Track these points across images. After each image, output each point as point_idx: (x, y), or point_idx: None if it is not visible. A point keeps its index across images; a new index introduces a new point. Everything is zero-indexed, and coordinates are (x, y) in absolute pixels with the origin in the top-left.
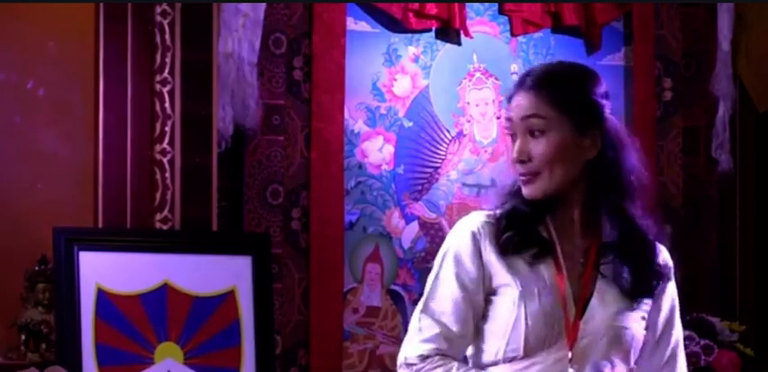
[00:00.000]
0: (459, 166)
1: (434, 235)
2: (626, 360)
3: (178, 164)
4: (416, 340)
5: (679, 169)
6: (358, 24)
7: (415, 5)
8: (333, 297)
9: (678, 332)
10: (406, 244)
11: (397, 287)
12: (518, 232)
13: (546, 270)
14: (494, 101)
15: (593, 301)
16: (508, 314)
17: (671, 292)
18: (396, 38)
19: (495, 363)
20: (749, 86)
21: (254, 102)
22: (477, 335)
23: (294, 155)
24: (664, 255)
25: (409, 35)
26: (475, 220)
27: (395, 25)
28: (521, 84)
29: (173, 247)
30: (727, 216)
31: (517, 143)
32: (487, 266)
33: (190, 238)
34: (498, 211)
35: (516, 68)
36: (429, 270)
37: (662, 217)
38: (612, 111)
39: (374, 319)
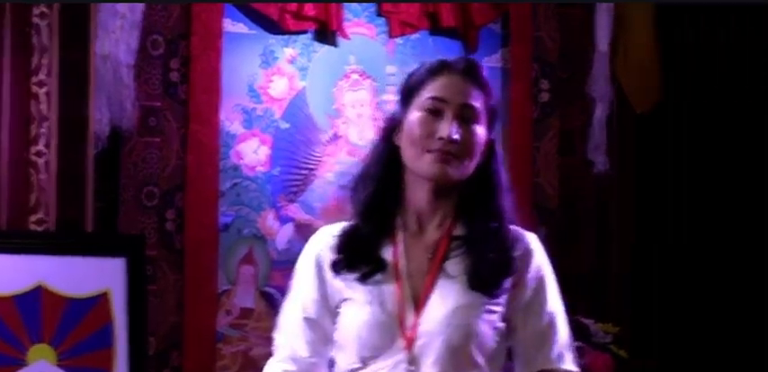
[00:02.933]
0: (334, 168)
1: (309, 237)
2: (470, 358)
3: (54, 166)
4: (273, 359)
5: (555, 170)
6: (235, 26)
7: (293, 7)
8: (207, 299)
9: (552, 309)
10: (281, 246)
11: (270, 289)
12: (349, 253)
13: (382, 279)
14: (370, 102)
15: (432, 299)
16: (348, 327)
17: (533, 275)
18: (272, 39)
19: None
20: (627, 88)
21: (130, 104)
22: (332, 347)
23: (170, 156)
24: (525, 243)
25: (286, 37)
26: (320, 240)
27: (272, 27)
28: (461, 70)
29: (47, 249)
30: (604, 217)
31: (449, 123)
32: (330, 286)
33: (64, 240)
34: (345, 226)
35: (393, 70)
36: None
37: (538, 218)
38: None
39: (248, 321)
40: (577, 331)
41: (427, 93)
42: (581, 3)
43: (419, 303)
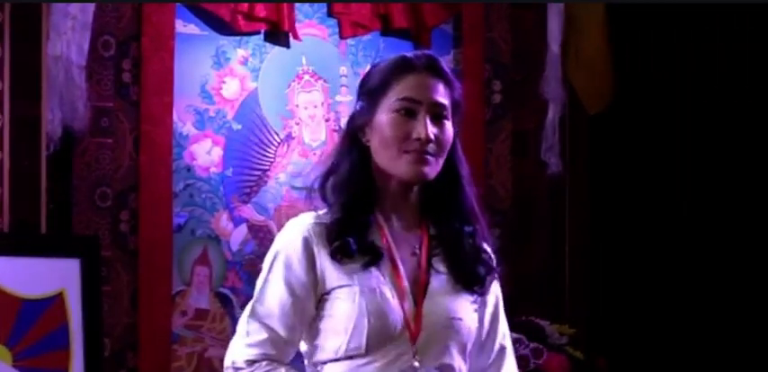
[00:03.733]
0: (287, 169)
1: (263, 238)
2: (464, 353)
3: (6, 167)
4: (243, 343)
5: (508, 172)
6: (187, 27)
7: (244, 8)
8: (161, 300)
9: (505, 328)
10: (235, 247)
11: (225, 290)
12: (348, 241)
13: (384, 268)
14: (323, 103)
15: (430, 293)
16: (349, 312)
17: (495, 289)
18: (224, 40)
19: (334, 360)
20: (579, 89)
21: (82, 105)
22: (313, 334)
23: (123, 157)
24: (488, 250)
25: (238, 38)
26: (305, 223)
27: (223, 28)
28: (425, 67)
29: (1, 249)
30: (557, 218)
31: (423, 122)
32: (321, 271)
33: (18, 240)
34: (328, 214)
35: (345, 71)
36: (258, 272)
37: (491, 219)
38: None
39: (202, 322)
40: (533, 332)
41: (396, 94)
42: (533, 3)
43: (418, 296)
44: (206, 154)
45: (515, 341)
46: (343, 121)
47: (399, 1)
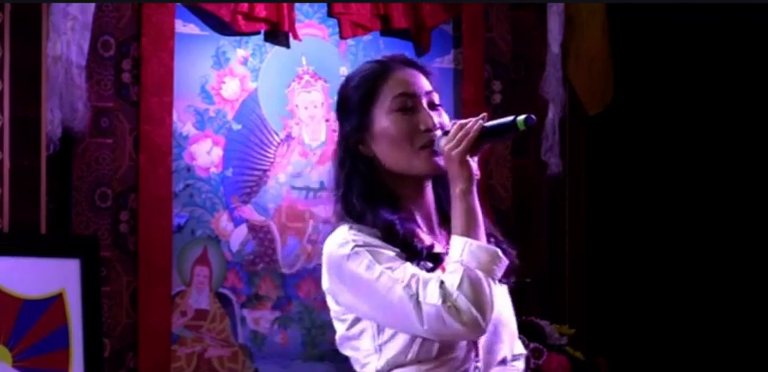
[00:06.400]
0: (287, 169)
1: (263, 238)
2: (511, 344)
3: (7, 167)
4: (437, 286)
5: (508, 172)
6: (187, 27)
7: (244, 8)
8: (161, 300)
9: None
10: (235, 247)
11: (225, 290)
12: (416, 246)
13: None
14: (323, 103)
15: None
16: None
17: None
18: (224, 40)
19: (402, 365)
20: (579, 89)
21: (82, 105)
22: (381, 337)
23: (122, 157)
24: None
25: (238, 38)
26: (348, 235)
27: (223, 28)
28: (404, 62)
29: (1, 250)
30: (557, 218)
31: (425, 113)
32: None
33: (18, 241)
34: (364, 228)
35: (345, 71)
36: (257, 273)
37: (491, 219)
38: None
39: (202, 322)
40: (533, 332)
41: (389, 94)
42: (533, 3)
43: None
44: (206, 154)
45: None
46: None
47: (399, 1)
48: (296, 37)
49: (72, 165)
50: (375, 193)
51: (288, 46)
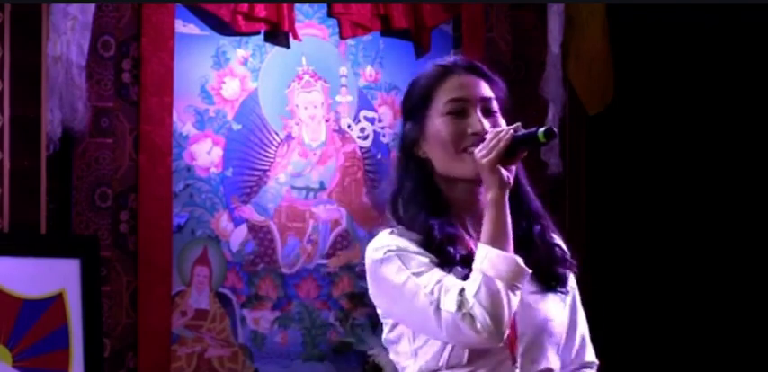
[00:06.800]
0: (287, 169)
1: (263, 238)
2: (558, 353)
3: (7, 167)
4: (456, 294)
5: None
6: (187, 27)
7: (244, 8)
8: (161, 300)
9: (583, 318)
10: (235, 247)
11: (225, 290)
12: (451, 251)
13: None
14: (322, 103)
15: (520, 299)
16: None
17: (571, 281)
18: (224, 40)
19: (435, 370)
20: (579, 89)
21: (82, 105)
22: (417, 342)
23: (122, 157)
24: (561, 243)
25: (238, 38)
26: (385, 240)
27: (223, 28)
28: (465, 68)
29: (1, 250)
30: (556, 218)
31: (476, 117)
32: None
33: (18, 241)
34: (406, 232)
35: (345, 71)
36: (257, 272)
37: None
38: None
39: (202, 322)
40: None
41: (443, 98)
42: (533, 3)
43: None
44: (206, 154)
45: None
46: (344, 122)
47: (399, 1)
48: (296, 37)
49: (72, 165)
50: (422, 196)
51: (288, 46)
